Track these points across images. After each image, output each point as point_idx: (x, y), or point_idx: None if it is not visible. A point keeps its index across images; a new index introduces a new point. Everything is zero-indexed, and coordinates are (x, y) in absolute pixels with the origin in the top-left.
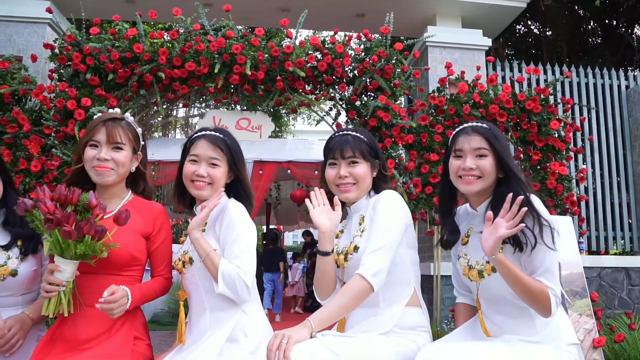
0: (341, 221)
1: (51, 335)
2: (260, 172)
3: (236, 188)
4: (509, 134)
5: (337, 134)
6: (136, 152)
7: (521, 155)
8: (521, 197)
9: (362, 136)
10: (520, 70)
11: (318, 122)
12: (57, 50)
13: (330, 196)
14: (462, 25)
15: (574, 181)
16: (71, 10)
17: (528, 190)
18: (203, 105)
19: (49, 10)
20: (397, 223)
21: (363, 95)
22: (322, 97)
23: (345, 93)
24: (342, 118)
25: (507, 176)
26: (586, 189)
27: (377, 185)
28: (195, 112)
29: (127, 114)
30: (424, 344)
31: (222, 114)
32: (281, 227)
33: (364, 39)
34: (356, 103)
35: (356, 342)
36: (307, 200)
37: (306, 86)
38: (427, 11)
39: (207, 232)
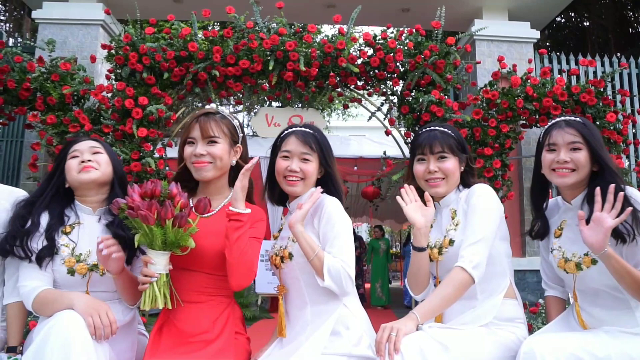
0: None
1: (159, 327)
2: None
3: (326, 183)
4: None
5: (425, 130)
6: (235, 145)
7: None
8: (620, 192)
9: (450, 131)
10: (568, 63)
11: (370, 118)
12: (113, 51)
13: (419, 192)
14: (508, 18)
15: (633, 174)
16: (120, 11)
17: (623, 182)
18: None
19: (107, 12)
20: (493, 215)
21: (414, 90)
22: (375, 93)
23: (397, 88)
24: (382, 113)
25: (602, 169)
26: None
27: (465, 179)
28: (231, 110)
29: (223, 108)
30: (522, 336)
31: (274, 111)
32: None
33: (415, 34)
34: (408, 98)
35: (463, 334)
36: (398, 197)
37: (358, 82)
38: (473, 4)
39: (305, 227)
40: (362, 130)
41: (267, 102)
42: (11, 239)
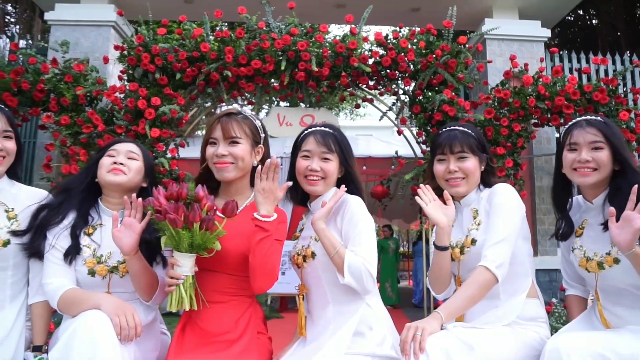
0: None
1: (182, 327)
2: None
3: (347, 183)
4: None
5: (445, 130)
6: (257, 145)
7: None
8: None
9: (470, 131)
10: (579, 61)
11: (381, 117)
12: (125, 52)
13: (438, 192)
14: (518, 17)
15: None
16: (131, 12)
17: None
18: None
19: (119, 13)
20: (516, 215)
21: (426, 90)
22: (387, 92)
23: (409, 88)
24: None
25: (623, 168)
26: None
27: (485, 179)
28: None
29: (245, 108)
30: (545, 335)
31: (286, 111)
32: None
33: (427, 33)
34: (420, 97)
35: (487, 334)
36: (417, 198)
37: (369, 82)
38: (484, 3)
39: (327, 225)
40: (370, 130)
41: (275, 102)
42: (38, 230)
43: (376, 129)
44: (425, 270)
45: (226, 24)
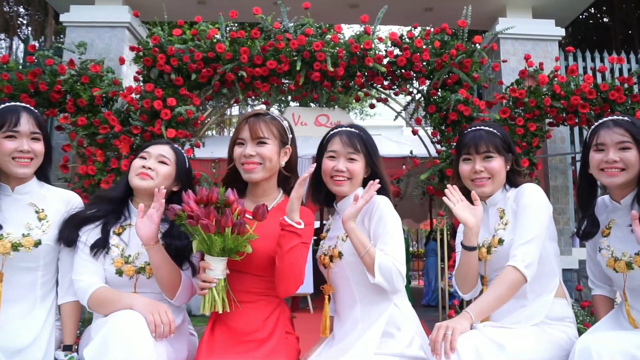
0: None
1: (212, 327)
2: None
3: None
4: (591, 125)
5: (470, 129)
6: (284, 146)
7: None
8: None
9: (496, 131)
10: (593, 60)
11: (396, 117)
12: (141, 53)
13: (464, 192)
14: (532, 16)
15: None
16: (145, 13)
17: None
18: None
19: (135, 14)
20: (544, 215)
21: (441, 90)
22: (402, 92)
23: (424, 87)
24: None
25: None
26: None
27: (511, 179)
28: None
29: (273, 109)
30: (574, 335)
31: (301, 110)
32: None
33: (442, 33)
34: (435, 97)
35: (517, 334)
36: (445, 198)
37: (384, 81)
38: (497, 2)
39: (356, 224)
40: (379, 130)
41: (286, 102)
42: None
43: (385, 129)
44: (439, 269)
45: (236, 24)
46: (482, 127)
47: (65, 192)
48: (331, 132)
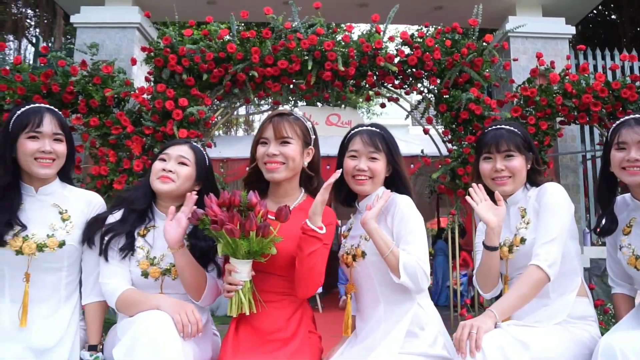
0: None
1: (235, 327)
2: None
3: (395, 181)
4: (603, 123)
5: (491, 128)
6: (307, 146)
7: None
8: None
9: (517, 130)
10: (603, 58)
11: (407, 116)
12: (152, 53)
13: (486, 191)
14: (542, 14)
15: None
16: (154, 14)
17: None
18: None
19: (147, 15)
20: (566, 214)
21: (452, 89)
22: (413, 91)
23: (434, 87)
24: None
25: None
26: None
27: (532, 178)
28: (254, 110)
29: (296, 109)
30: (596, 334)
31: (312, 110)
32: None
33: (452, 32)
34: (446, 96)
35: (541, 332)
36: (468, 197)
37: (395, 80)
38: (507, 1)
39: (378, 225)
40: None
41: (292, 102)
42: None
43: (391, 128)
44: (449, 268)
45: (243, 24)
46: (503, 126)
47: (87, 192)
48: (352, 132)
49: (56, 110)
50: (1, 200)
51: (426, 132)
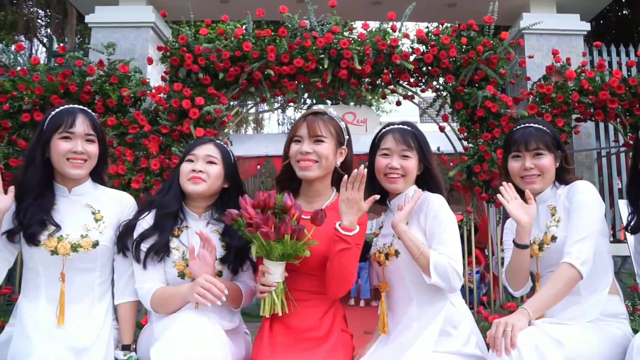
0: None
1: (270, 326)
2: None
3: (426, 180)
4: (620, 120)
5: (519, 127)
6: (341, 146)
7: (631, 142)
8: None
9: (545, 128)
10: (618, 54)
11: (422, 114)
12: (168, 53)
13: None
14: (556, 10)
15: None
16: (167, 13)
17: None
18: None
19: (163, 14)
20: (597, 212)
21: (467, 86)
22: (429, 89)
23: (450, 84)
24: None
25: None
26: None
27: (560, 176)
28: (266, 108)
29: (330, 109)
30: (628, 331)
31: (327, 108)
32: None
33: (468, 29)
34: (461, 94)
35: (575, 330)
36: (499, 195)
37: (410, 78)
38: None
39: (410, 224)
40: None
41: (303, 101)
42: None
43: None
44: (466, 265)
45: (254, 23)
46: (532, 125)
47: (119, 193)
48: (383, 130)
49: (89, 111)
50: (35, 200)
51: (442, 129)
